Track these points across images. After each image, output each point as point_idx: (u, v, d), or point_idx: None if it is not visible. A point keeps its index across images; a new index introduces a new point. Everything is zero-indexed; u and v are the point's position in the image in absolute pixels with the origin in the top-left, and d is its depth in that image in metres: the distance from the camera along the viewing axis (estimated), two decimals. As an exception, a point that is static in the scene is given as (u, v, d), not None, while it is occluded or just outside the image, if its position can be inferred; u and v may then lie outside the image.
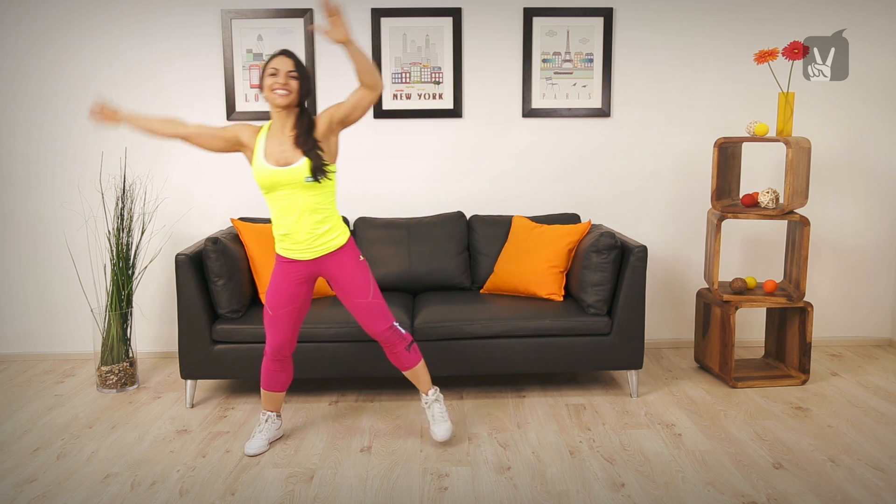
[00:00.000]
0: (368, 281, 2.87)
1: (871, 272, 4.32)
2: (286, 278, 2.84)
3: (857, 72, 4.11)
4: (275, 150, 2.71)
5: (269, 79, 2.67)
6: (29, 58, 4.00)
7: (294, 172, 2.68)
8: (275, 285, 2.85)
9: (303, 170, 2.68)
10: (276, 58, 2.69)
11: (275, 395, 2.99)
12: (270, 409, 3.02)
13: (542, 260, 3.64)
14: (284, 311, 2.85)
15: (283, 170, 2.68)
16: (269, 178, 2.70)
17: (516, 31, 4.06)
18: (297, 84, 2.68)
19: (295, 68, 2.67)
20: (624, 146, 4.17)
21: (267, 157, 2.71)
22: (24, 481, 2.73)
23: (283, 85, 2.65)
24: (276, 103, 2.68)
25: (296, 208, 2.73)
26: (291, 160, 2.69)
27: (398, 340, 2.91)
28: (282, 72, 2.66)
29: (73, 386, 3.76)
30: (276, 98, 2.66)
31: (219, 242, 3.40)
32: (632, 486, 2.66)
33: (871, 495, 2.58)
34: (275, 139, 2.73)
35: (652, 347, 4.28)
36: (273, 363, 2.93)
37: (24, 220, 4.12)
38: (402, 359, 2.94)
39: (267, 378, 2.96)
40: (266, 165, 2.70)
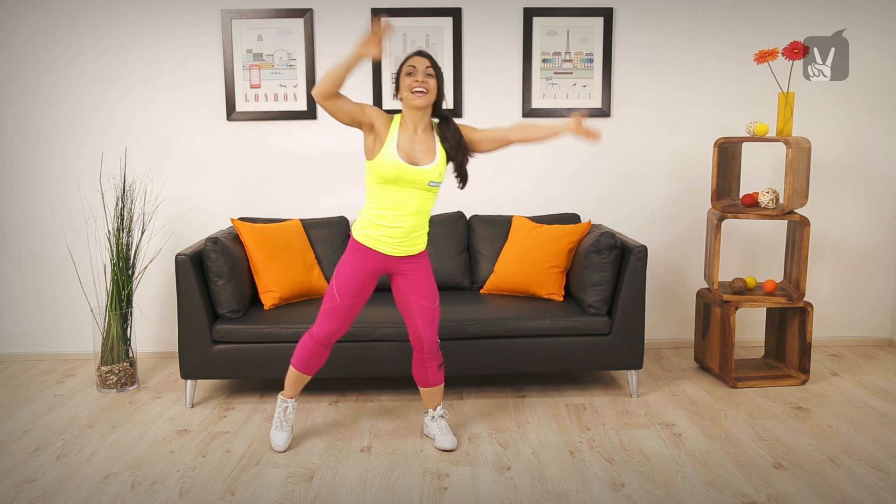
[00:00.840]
0: (436, 289, 2.91)
1: (871, 272, 4.32)
2: (362, 267, 2.80)
3: (857, 72, 4.11)
4: (407, 147, 2.71)
5: (407, 78, 2.67)
6: (29, 57, 4.00)
7: (422, 173, 2.70)
8: (349, 273, 2.80)
9: (430, 174, 2.71)
10: (413, 57, 2.70)
11: (304, 380, 2.95)
12: (292, 395, 2.99)
13: (542, 260, 3.64)
14: (352, 302, 2.81)
15: (413, 168, 2.69)
16: (398, 172, 2.68)
17: (516, 31, 4.06)
18: (435, 83, 2.69)
19: (432, 66, 2.68)
20: (624, 146, 4.17)
21: (399, 151, 2.70)
22: (24, 481, 2.73)
23: (422, 83, 2.65)
24: (414, 104, 2.67)
25: (407, 207, 2.73)
26: (421, 161, 2.71)
27: (436, 356, 2.93)
28: (419, 70, 2.66)
29: (73, 386, 3.76)
30: (415, 98, 2.66)
31: (219, 242, 3.40)
32: (632, 486, 2.66)
33: (871, 495, 2.58)
34: (407, 136, 2.73)
35: (652, 347, 4.28)
36: (320, 347, 2.87)
37: (24, 220, 4.12)
38: (431, 375, 2.95)
39: (307, 360, 2.89)
40: (398, 159, 2.68)
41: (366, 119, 2.70)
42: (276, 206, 4.13)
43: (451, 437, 2.99)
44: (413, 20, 4.01)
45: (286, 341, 3.33)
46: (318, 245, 3.84)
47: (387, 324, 3.34)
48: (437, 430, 3.00)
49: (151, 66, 4.03)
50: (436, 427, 3.02)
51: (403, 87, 2.69)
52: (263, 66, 4.03)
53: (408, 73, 2.68)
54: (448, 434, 2.99)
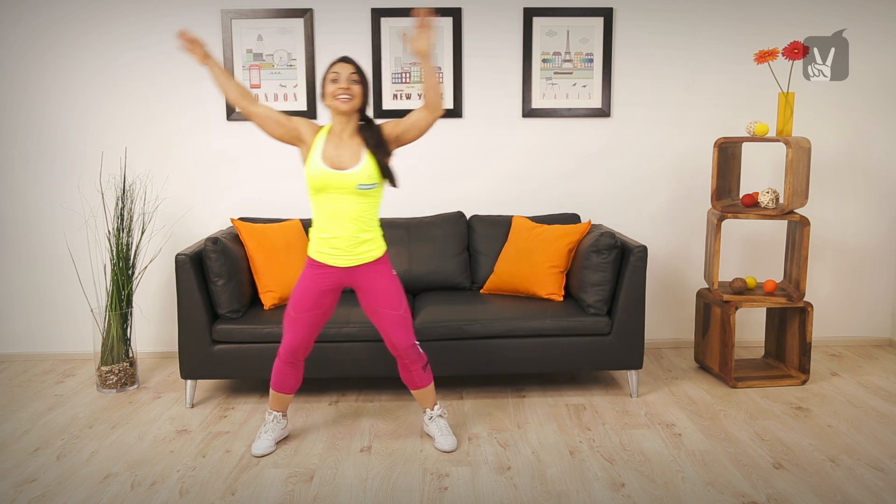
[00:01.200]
0: (401, 294, 2.87)
1: (871, 272, 4.32)
2: (315, 283, 2.81)
3: (857, 72, 4.11)
4: (332, 153, 2.72)
5: (331, 85, 2.68)
6: (29, 57, 4.00)
7: (348, 178, 2.69)
8: (302, 288, 2.82)
9: (357, 176, 2.69)
10: (336, 63, 2.70)
11: (284, 397, 2.99)
12: (277, 409, 3.02)
13: (542, 260, 3.64)
14: (307, 314, 2.82)
15: (338, 173, 2.69)
16: (323, 179, 2.69)
17: (516, 31, 4.06)
18: (360, 88, 2.69)
19: (356, 72, 2.69)
20: (624, 146, 4.17)
21: (324, 158, 2.71)
22: (24, 481, 2.73)
23: (346, 90, 2.66)
24: (340, 109, 2.68)
25: (342, 214, 2.72)
26: (347, 165, 2.70)
27: (416, 359, 2.91)
28: (343, 76, 2.67)
29: (73, 386, 3.76)
30: (340, 104, 2.67)
31: (219, 242, 3.40)
32: (632, 486, 2.66)
33: (871, 495, 2.58)
34: (333, 142, 2.74)
35: (652, 347, 4.28)
36: (286, 365, 2.91)
37: (24, 220, 4.13)
38: (416, 377, 2.94)
39: (278, 379, 2.94)
40: (322, 166, 2.69)
41: (293, 127, 2.76)
42: (276, 206, 4.13)
43: (450, 437, 2.98)
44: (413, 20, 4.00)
45: (286, 341, 3.33)
46: (318, 245, 3.83)
47: (387, 324, 3.34)
48: (437, 431, 3.00)
49: (152, 66, 4.03)
50: (435, 427, 3.02)
51: (328, 93, 2.70)
52: (263, 66, 4.03)
53: (332, 80, 2.69)
54: (447, 435, 2.99)
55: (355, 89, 2.68)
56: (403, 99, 4.08)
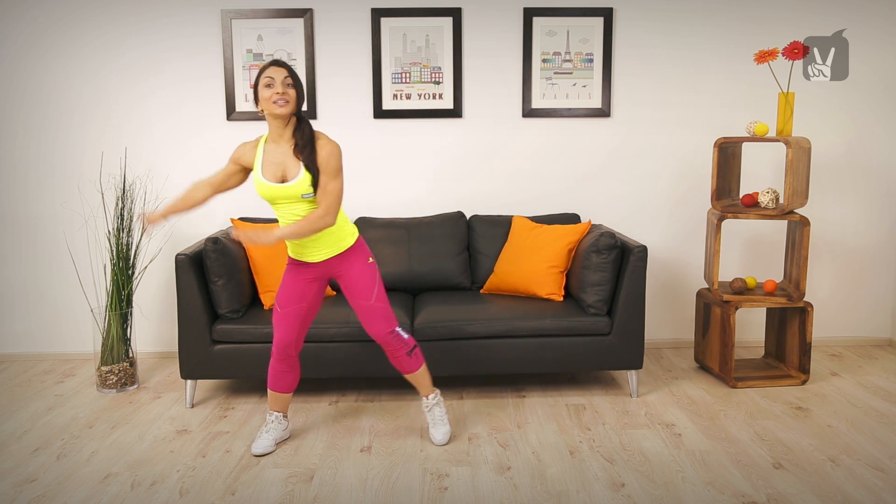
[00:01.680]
0: (374, 283, 2.87)
1: (871, 272, 4.32)
2: (297, 276, 2.86)
3: (857, 72, 4.11)
4: (272, 164, 2.71)
5: (266, 90, 2.65)
6: (29, 57, 4.00)
7: (291, 189, 2.68)
8: (285, 282, 2.88)
9: (300, 186, 2.67)
10: (268, 68, 2.68)
11: (282, 396, 2.99)
12: (277, 409, 3.02)
13: (542, 260, 3.64)
14: (293, 308, 2.86)
15: (281, 186, 2.69)
16: (268, 192, 2.72)
17: (516, 31, 4.06)
18: (295, 93, 2.68)
19: (290, 76, 2.67)
20: (624, 146, 4.17)
21: (264, 173, 2.71)
22: (24, 481, 2.73)
23: (282, 95, 2.64)
24: (277, 113, 2.66)
25: (296, 218, 2.74)
26: (289, 176, 2.69)
27: (399, 345, 2.91)
28: (278, 81, 2.64)
29: (73, 386, 3.76)
30: (276, 109, 2.65)
31: (219, 242, 3.40)
32: (632, 486, 2.66)
33: (871, 495, 2.58)
34: (272, 152, 2.73)
35: (652, 347, 4.28)
36: (279, 363, 2.93)
37: (24, 220, 4.12)
38: (404, 363, 2.94)
39: (274, 379, 2.96)
40: (263, 181, 2.71)
41: (237, 165, 2.82)
42: (276, 206, 4.13)
43: (443, 429, 2.98)
44: (413, 20, 4.01)
45: (286, 341, 3.33)
46: (318, 245, 3.83)
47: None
48: (430, 422, 3.02)
49: (151, 65, 4.03)
50: (429, 417, 3.02)
51: (263, 99, 2.67)
52: (263, 66, 4.03)
53: (266, 85, 2.66)
54: (440, 426, 2.99)
55: (290, 93, 2.66)
56: (403, 99, 4.07)
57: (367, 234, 3.88)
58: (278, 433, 3.01)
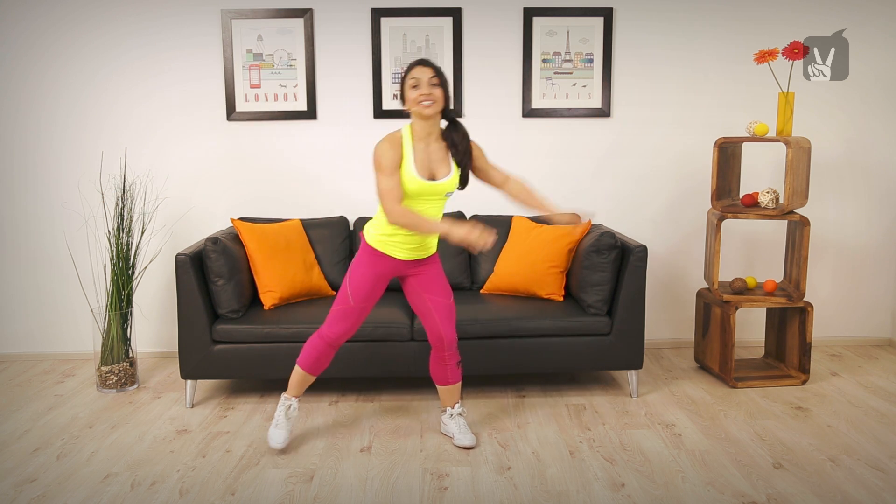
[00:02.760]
0: (450, 286, 2.97)
1: (871, 272, 4.32)
2: (376, 271, 2.84)
3: (857, 72, 4.11)
4: (423, 162, 2.73)
5: (412, 91, 2.67)
6: (29, 57, 4.00)
7: (440, 187, 2.75)
8: (363, 276, 2.83)
9: (448, 186, 2.75)
10: (414, 68, 2.69)
11: (309, 380, 2.96)
12: (296, 394, 2.99)
13: (542, 260, 3.64)
14: (363, 304, 2.85)
15: (431, 184, 2.74)
16: (418, 189, 2.72)
17: (516, 31, 4.06)
18: (442, 92, 2.68)
19: (436, 75, 2.68)
20: (624, 146, 4.17)
21: (418, 169, 2.72)
22: (24, 481, 2.73)
23: (428, 95, 2.65)
24: (424, 115, 2.67)
25: (430, 215, 2.79)
26: (439, 174, 2.75)
27: (456, 353, 2.95)
28: (423, 81, 2.65)
29: (73, 386, 3.76)
30: (424, 110, 2.66)
31: (219, 242, 3.40)
32: (632, 486, 2.66)
33: (871, 495, 2.58)
34: (421, 150, 2.74)
35: (652, 347, 4.28)
36: (329, 348, 2.88)
37: (24, 220, 4.12)
38: (451, 373, 2.97)
39: (314, 360, 2.90)
40: (417, 178, 2.71)
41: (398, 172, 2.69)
42: (276, 206, 4.13)
43: (469, 434, 2.99)
44: (413, 20, 4.01)
45: (286, 341, 3.33)
46: (318, 245, 3.84)
47: (387, 324, 3.34)
48: (456, 429, 3.02)
49: (151, 66, 4.03)
50: (454, 425, 3.03)
51: (409, 99, 2.69)
52: (263, 66, 4.03)
53: (413, 86, 2.68)
54: (467, 432, 3.00)
55: (437, 93, 2.67)
56: (403, 99, 4.07)
57: (367, 234, 3.89)
58: (294, 420, 3.00)
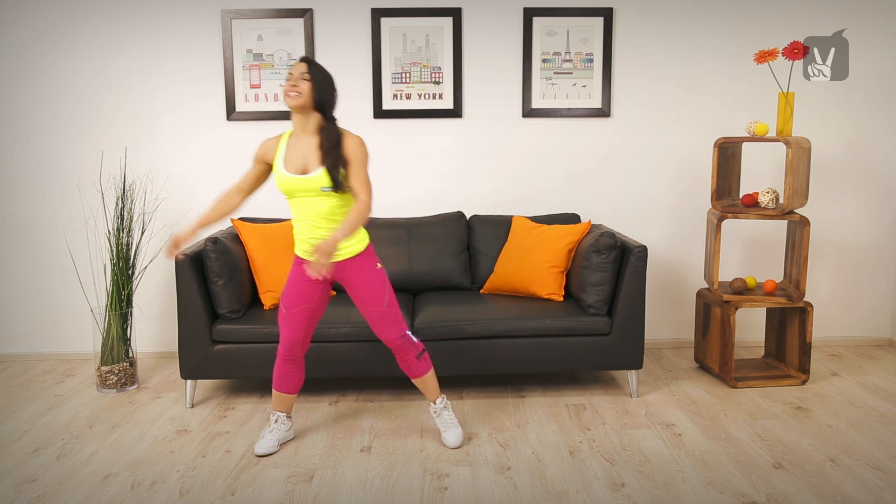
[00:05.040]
0: (384, 289, 2.88)
1: (871, 272, 4.32)
2: (303, 277, 2.85)
3: (857, 72, 4.11)
4: (294, 157, 2.75)
5: (286, 83, 2.73)
6: (29, 57, 4.00)
7: (311, 181, 2.72)
8: (291, 283, 2.88)
9: (319, 180, 2.71)
10: (295, 63, 2.76)
11: (286, 397, 2.99)
12: (281, 409, 3.02)
13: (542, 260, 3.64)
14: (299, 309, 2.86)
15: (301, 178, 2.72)
16: (288, 185, 2.74)
17: (516, 31, 4.06)
18: (309, 86, 2.71)
19: (308, 71, 2.71)
20: (624, 146, 4.17)
21: (286, 165, 2.75)
22: (24, 481, 2.73)
23: (294, 86, 2.70)
24: (288, 104, 2.73)
25: (313, 213, 2.76)
26: (310, 168, 2.73)
27: (409, 349, 2.92)
28: (295, 74, 2.72)
29: (73, 386, 3.76)
30: (288, 99, 2.71)
31: (219, 242, 3.40)
32: (632, 486, 2.66)
33: (871, 495, 2.58)
34: (295, 145, 2.77)
35: (652, 347, 4.28)
36: (285, 363, 2.93)
37: (24, 220, 4.13)
38: (413, 367, 2.95)
39: (279, 379, 2.96)
40: (284, 173, 2.74)
41: (262, 163, 2.85)
42: (276, 206, 4.13)
43: (454, 431, 2.98)
44: (413, 20, 4.01)
45: (286, 341, 3.33)
46: (318, 245, 3.83)
47: (387, 324, 3.34)
48: (442, 425, 3.01)
49: (151, 65, 4.03)
50: (440, 422, 3.02)
51: (284, 91, 2.75)
52: (263, 66, 4.03)
53: (287, 78, 2.75)
54: (452, 429, 2.99)
55: (303, 86, 2.70)
56: (403, 99, 4.08)
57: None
58: (282, 434, 3.01)
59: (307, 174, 2.72)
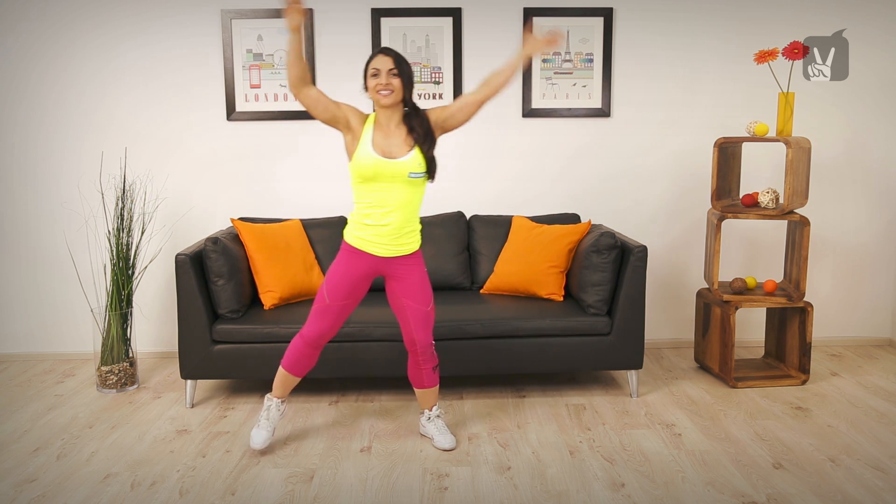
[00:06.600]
0: (430, 291, 2.90)
1: (871, 272, 4.32)
2: (353, 270, 2.81)
3: (857, 72, 4.11)
4: (381, 142, 2.73)
5: (372, 80, 2.70)
6: (29, 57, 4.00)
7: (399, 166, 2.70)
8: (340, 274, 2.81)
9: (408, 165, 2.70)
10: (376, 57, 2.71)
11: (292, 381, 2.95)
12: (280, 395, 2.98)
13: (542, 260, 3.64)
14: (342, 303, 2.82)
15: (390, 162, 2.70)
16: (374, 167, 2.69)
17: (516, 31, 4.06)
18: (400, 82, 2.70)
19: (395, 66, 2.69)
20: (624, 146, 4.17)
21: (374, 147, 2.71)
22: (24, 481, 2.73)
23: (386, 85, 2.67)
24: (381, 104, 2.71)
25: (390, 203, 2.73)
26: (397, 154, 2.72)
27: (431, 359, 2.93)
28: (383, 71, 2.67)
29: (73, 386, 3.76)
30: (381, 98, 2.69)
31: (219, 242, 3.40)
32: (632, 486, 2.66)
33: (871, 495, 2.58)
34: (381, 131, 2.75)
35: (652, 347, 4.28)
36: (308, 348, 2.86)
37: (24, 220, 4.13)
38: (426, 377, 2.95)
39: (296, 361, 2.88)
40: (373, 154, 2.70)
41: (341, 115, 2.75)
42: (276, 206, 4.13)
43: (449, 436, 2.99)
44: (413, 20, 4.01)
45: (286, 341, 3.31)
46: (318, 245, 3.84)
47: (386, 324, 3.34)
48: (435, 431, 3.01)
49: (151, 66, 4.03)
50: (433, 427, 3.02)
51: (370, 87, 2.72)
52: (263, 66, 4.03)
53: (372, 75, 2.70)
54: (446, 434, 3.00)
55: (395, 83, 2.69)
56: (403, 99, 4.07)
57: (367, 234, 3.89)
58: (276, 421, 2.99)
59: (395, 159, 2.70)
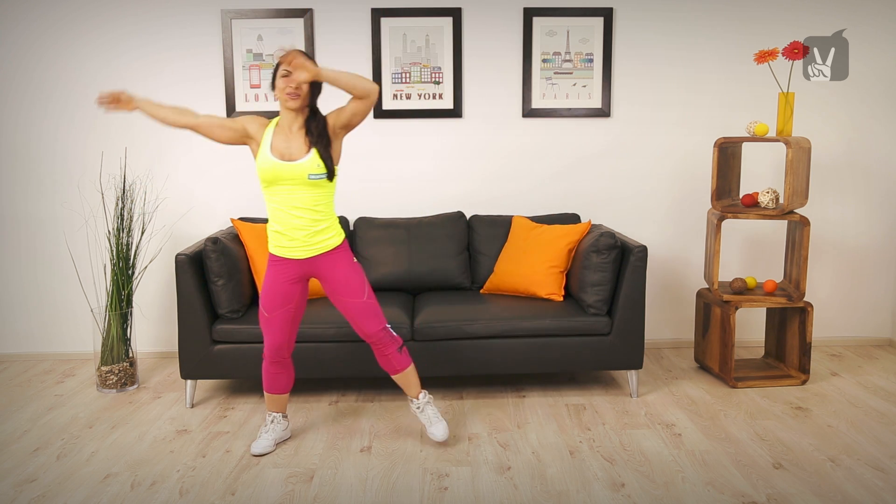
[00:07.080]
0: (363, 281, 2.87)
1: (871, 272, 4.32)
2: (280, 278, 2.83)
3: (857, 72, 4.11)
4: (280, 145, 2.73)
5: (282, 80, 2.68)
6: (29, 57, 4.00)
7: (297, 168, 2.69)
8: (268, 286, 2.84)
9: (307, 166, 2.69)
10: (285, 55, 2.69)
11: (278, 398, 2.99)
12: (275, 410, 3.02)
13: (542, 260, 3.64)
14: (280, 311, 2.84)
15: (287, 164, 2.69)
16: (273, 171, 2.70)
17: (516, 31, 4.06)
18: (309, 88, 2.70)
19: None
20: (624, 146, 4.17)
21: (272, 151, 2.72)
22: (24, 481, 2.73)
23: (295, 89, 2.67)
24: (288, 107, 2.70)
25: (294, 204, 2.73)
26: (296, 156, 2.71)
27: (390, 342, 2.90)
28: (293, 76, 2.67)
29: (73, 386, 3.76)
30: (289, 101, 2.69)
31: (219, 242, 3.40)
32: (632, 486, 2.66)
33: (871, 495, 2.58)
34: (282, 135, 2.75)
35: (652, 347, 4.28)
36: (272, 365, 2.92)
37: (24, 220, 4.13)
38: (394, 361, 2.92)
39: (268, 381, 2.96)
40: (270, 158, 2.71)
41: (239, 127, 2.78)
42: (276, 206, 4.13)
43: (441, 425, 2.96)
44: (413, 20, 4.01)
45: (286, 341, 3.33)
46: (318, 245, 3.83)
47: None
48: (426, 421, 2.99)
49: (151, 65, 4.03)
50: (424, 417, 3.00)
51: (278, 88, 2.71)
52: (263, 66, 4.03)
53: (283, 76, 2.69)
54: (438, 423, 2.97)
55: (304, 88, 2.69)
56: (403, 99, 4.08)
57: (367, 235, 3.89)
58: (278, 433, 3.01)
59: (294, 161, 2.70)
